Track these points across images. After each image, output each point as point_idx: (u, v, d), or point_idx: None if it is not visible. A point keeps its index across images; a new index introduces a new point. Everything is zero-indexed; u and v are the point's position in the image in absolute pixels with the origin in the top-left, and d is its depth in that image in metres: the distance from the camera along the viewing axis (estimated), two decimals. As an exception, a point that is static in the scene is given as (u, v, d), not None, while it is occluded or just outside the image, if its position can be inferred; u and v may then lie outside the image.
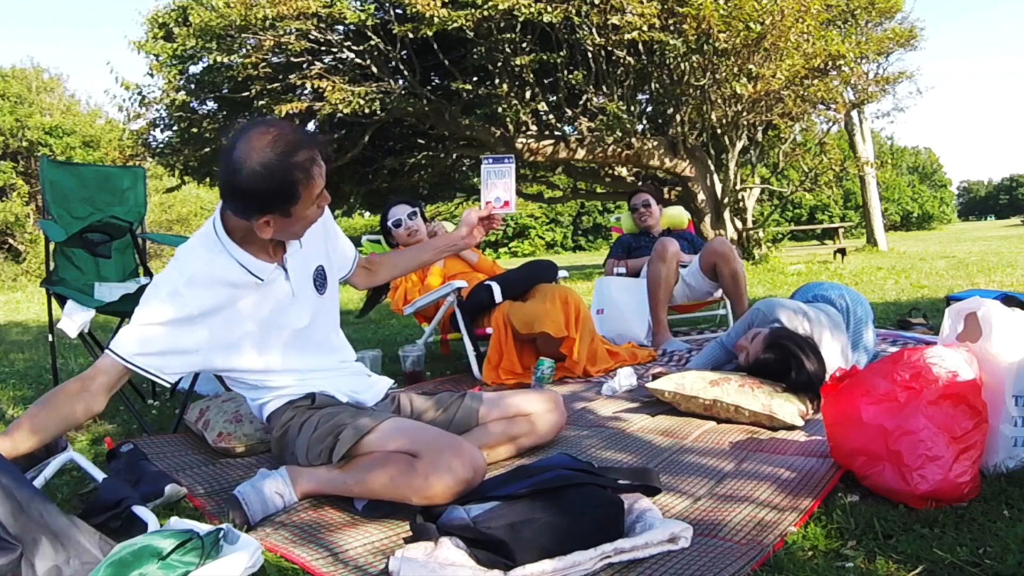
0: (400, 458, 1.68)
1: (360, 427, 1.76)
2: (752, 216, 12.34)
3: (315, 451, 1.78)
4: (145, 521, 1.58)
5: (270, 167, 1.55)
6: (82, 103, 27.47)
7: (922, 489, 1.56)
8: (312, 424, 1.82)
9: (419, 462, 1.64)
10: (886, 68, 13.86)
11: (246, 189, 1.57)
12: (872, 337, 2.91)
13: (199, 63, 10.51)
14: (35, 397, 3.35)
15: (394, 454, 1.69)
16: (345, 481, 1.74)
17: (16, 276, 20.90)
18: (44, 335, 5.85)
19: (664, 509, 1.66)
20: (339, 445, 1.74)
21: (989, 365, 1.72)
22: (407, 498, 1.63)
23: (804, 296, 3.02)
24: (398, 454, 1.69)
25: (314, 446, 1.79)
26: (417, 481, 1.62)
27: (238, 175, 1.56)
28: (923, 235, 30.65)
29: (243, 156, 1.56)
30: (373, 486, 1.69)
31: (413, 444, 1.69)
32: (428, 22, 8.52)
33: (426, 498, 1.60)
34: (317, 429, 1.80)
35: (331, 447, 1.76)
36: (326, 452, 1.77)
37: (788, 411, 2.31)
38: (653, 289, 3.92)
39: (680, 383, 2.48)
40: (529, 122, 10.37)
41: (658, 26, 8.92)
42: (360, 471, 1.72)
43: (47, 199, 3.10)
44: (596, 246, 40.50)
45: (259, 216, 1.63)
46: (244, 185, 1.56)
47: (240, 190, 1.58)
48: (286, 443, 1.87)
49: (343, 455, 1.73)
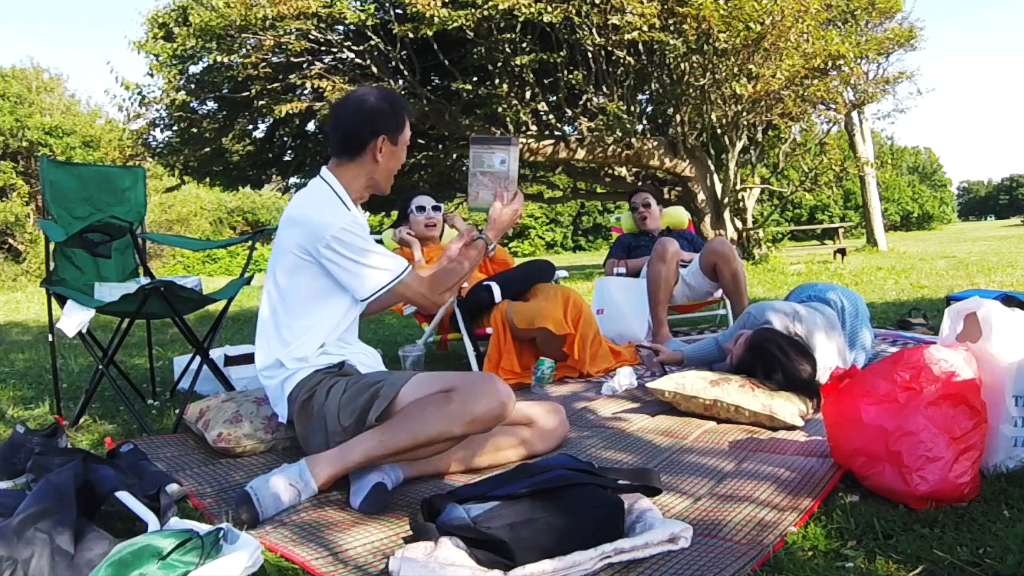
0: (435, 396, 1.78)
1: (395, 381, 1.83)
2: (752, 216, 12.34)
3: (347, 411, 1.83)
4: (145, 521, 1.58)
5: (388, 94, 2.01)
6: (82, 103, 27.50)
7: (922, 490, 1.56)
8: (340, 387, 1.88)
9: (455, 393, 1.76)
10: (886, 68, 13.87)
11: (371, 108, 1.95)
12: (869, 336, 2.91)
13: (199, 63, 10.51)
14: (35, 397, 3.37)
15: (428, 395, 1.79)
16: (381, 439, 1.76)
17: (16, 276, 20.89)
18: (44, 335, 5.85)
19: (664, 509, 1.66)
20: (379, 400, 1.80)
21: (989, 365, 1.72)
22: (449, 430, 1.74)
23: (799, 296, 3.02)
24: (432, 395, 1.78)
25: (346, 407, 1.83)
26: (456, 408, 1.73)
27: (366, 100, 1.96)
28: (923, 235, 30.65)
29: (366, 92, 2.00)
30: (413, 430, 1.75)
31: (446, 383, 1.81)
32: (428, 22, 8.52)
33: (468, 423, 1.74)
34: (347, 391, 1.86)
35: (365, 406, 1.80)
36: (358, 412, 1.81)
37: (788, 411, 2.31)
38: (653, 289, 3.92)
39: (680, 383, 2.48)
40: (529, 122, 10.36)
41: (658, 26, 8.92)
42: (397, 421, 1.78)
43: (47, 199, 3.10)
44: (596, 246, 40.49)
45: (375, 136, 1.95)
46: (370, 106, 1.95)
47: (367, 108, 1.95)
48: (309, 411, 1.89)
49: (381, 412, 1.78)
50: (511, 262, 3.72)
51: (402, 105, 2.02)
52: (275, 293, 1.99)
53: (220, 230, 34.85)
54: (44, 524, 1.35)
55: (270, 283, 2.02)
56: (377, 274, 1.93)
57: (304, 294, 1.95)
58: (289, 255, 1.95)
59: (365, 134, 1.96)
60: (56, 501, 1.40)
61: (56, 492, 1.41)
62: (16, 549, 1.32)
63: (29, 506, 1.40)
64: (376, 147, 1.97)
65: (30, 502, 1.42)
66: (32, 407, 3.16)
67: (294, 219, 1.96)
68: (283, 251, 1.97)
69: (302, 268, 1.94)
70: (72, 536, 1.36)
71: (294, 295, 1.96)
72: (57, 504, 1.39)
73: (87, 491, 1.58)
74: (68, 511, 1.39)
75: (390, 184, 2.08)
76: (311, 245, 1.90)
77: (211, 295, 2.95)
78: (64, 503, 1.40)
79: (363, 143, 1.97)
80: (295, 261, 1.94)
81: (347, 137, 1.98)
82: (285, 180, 14.26)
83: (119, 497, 1.62)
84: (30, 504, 1.41)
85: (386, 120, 1.97)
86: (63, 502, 1.40)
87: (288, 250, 1.95)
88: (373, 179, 2.04)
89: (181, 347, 4.84)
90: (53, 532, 1.34)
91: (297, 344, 1.96)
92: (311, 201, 1.99)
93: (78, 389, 3.51)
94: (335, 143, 2.02)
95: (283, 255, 1.97)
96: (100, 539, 1.39)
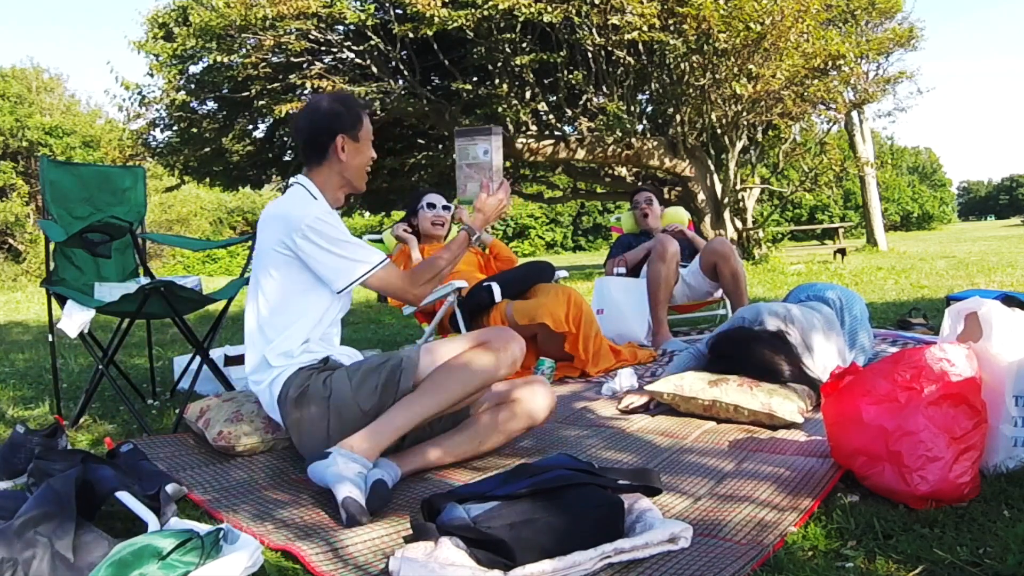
0: (475, 349, 1.94)
1: (408, 353, 1.94)
2: (752, 216, 12.33)
3: (365, 395, 1.88)
4: (145, 521, 1.58)
5: (340, 96, 2.13)
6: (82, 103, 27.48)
7: (922, 489, 1.56)
8: (343, 377, 1.93)
9: (492, 343, 1.94)
10: (886, 68, 13.87)
11: (327, 111, 2.04)
12: (869, 335, 2.90)
13: (199, 63, 10.50)
14: (35, 397, 3.37)
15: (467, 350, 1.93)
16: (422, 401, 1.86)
17: (16, 276, 20.88)
18: (44, 335, 5.84)
19: (664, 509, 1.66)
20: (405, 372, 1.89)
21: (989, 365, 1.72)
22: (495, 373, 1.91)
23: (798, 296, 3.02)
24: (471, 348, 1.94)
25: (361, 391, 1.88)
26: (501, 355, 1.92)
27: (319, 105, 2.06)
28: (923, 235, 30.65)
29: (319, 98, 2.12)
30: (463, 380, 1.88)
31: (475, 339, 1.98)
32: (428, 22, 8.52)
33: (509, 365, 1.93)
34: (351, 379, 1.91)
35: (388, 382, 1.88)
36: (380, 390, 1.88)
37: (788, 408, 2.30)
38: (653, 289, 3.92)
39: (679, 384, 2.48)
40: (529, 122, 10.36)
41: (658, 26, 8.92)
42: (434, 381, 1.88)
43: (47, 199, 3.10)
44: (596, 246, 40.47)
45: (335, 137, 2.02)
46: (324, 110, 2.04)
47: (321, 113, 2.04)
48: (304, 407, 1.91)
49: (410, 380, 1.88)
50: (515, 260, 3.72)
51: (354, 103, 2.12)
52: (259, 296, 2.05)
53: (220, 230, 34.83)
54: (45, 528, 1.35)
55: (254, 287, 2.07)
56: (352, 265, 1.98)
57: (286, 289, 2.00)
58: (269, 253, 2.00)
59: (324, 137, 2.05)
60: (57, 506, 1.40)
61: (57, 497, 1.41)
62: (17, 551, 1.32)
63: (30, 509, 1.40)
64: (338, 147, 2.05)
65: (31, 505, 1.42)
66: (32, 407, 3.16)
67: (272, 216, 2.04)
68: (263, 252, 2.04)
69: (282, 264, 1.99)
70: (71, 541, 1.36)
71: (275, 292, 2.01)
72: (58, 509, 1.39)
73: (87, 491, 1.58)
74: (69, 517, 1.38)
75: (364, 180, 2.15)
76: (288, 237, 1.96)
77: (211, 295, 2.95)
78: (65, 509, 1.40)
79: (324, 146, 2.05)
80: (275, 258, 1.99)
81: (309, 143, 2.08)
82: (285, 180, 14.22)
83: (119, 497, 1.62)
84: (31, 507, 1.41)
85: (342, 119, 2.05)
86: (64, 507, 1.40)
87: (268, 249, 2.01)
88: (344, 178, 2.11)
89: (181, 347, 4.84)
90: (53, 536, 1.34)
91: (280, 340, 1.99)
92: (287, 199, 2.08)
93: (78, 389, 3.51)
94: (301, 152, 2.14)
95: (263, 255, 2.04)
96: (100, 541, 1.39)
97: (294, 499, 1.84)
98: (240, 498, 1.87)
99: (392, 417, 1.86)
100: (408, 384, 1.89)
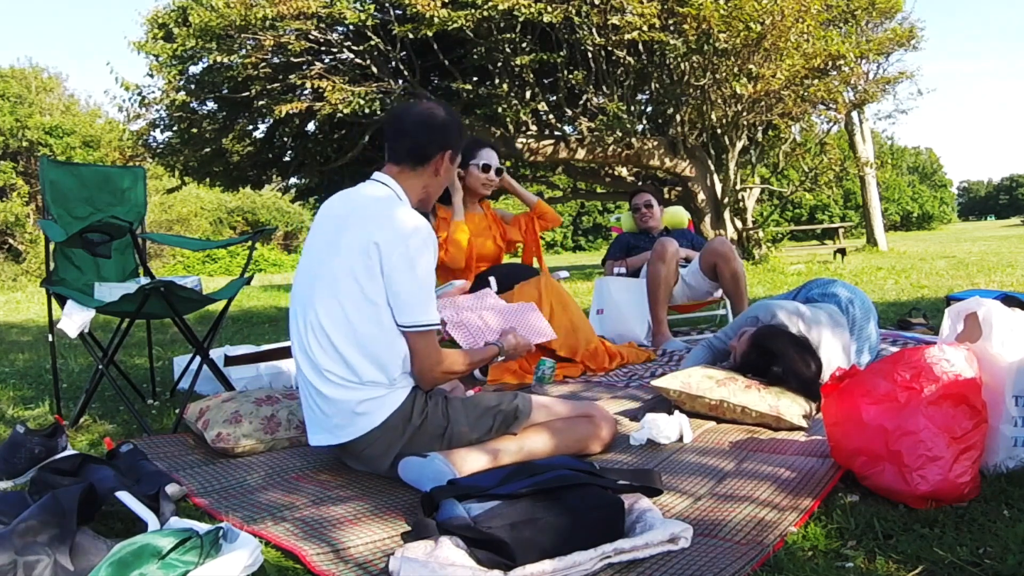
0: (581, 418, 2.09)
1: (522, 404, 2.02)
2: (752, 216, 12.34)
3: (482, 428, 1.96)
4: (145, 521, 1.58)
5: (454, 113, 2.06)
6: (82, 103, 27.50)
7: (922, 489, 1.56)
8: (458, 407, 1.97)
9: (595, 419, 2.11)
10: (886, 68, 13.87)
11: (443, 121, 1.98)
12: (876, 334, 2.89)
13: (199, 63, 10.51)
14: (35, 397, 3.36)
15: (573, 418, 2.08)
16: (516, 449, 1.96)
17: (16, 276, 20.89)
18: (44, 335, 5.85)
19: (664, 509, 1.66)
20: (520, 420, 2.00)
21: (989, 365, 1.72)
22: (586, 445, 2.07)
23: (807, 292, 2.99)
24: (576, 417, 2.09)
25: (479, 424, 1.96)
26: (600, 430, 2.10)
27: (436, 114, 1.99)
28: (923, 235, 30.66)
29: (433, 105, 2.04)
30: (565, 439, 2.02)
31: (580, 409, 2.13)
32: (428, 22, 8.53)
33: (603, 442, 2.11)
34: (467, 414, 1.96)
35: (503, 422, 1.98)
36: (494, 431, 1.97)
37: (794, 412, 2.29)
38: (653, 289, 3.92)
39: (686, 381, 2.44)
40: (529, 122, 10.37)
41: (658, 26, 8.93)
42: (540, 435, 2.00)
43: (47, 199, 3.10)
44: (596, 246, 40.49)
45: (443, 151, 1.99)
46: (440, 120, 1.98)
47: (438, 122, 1.98)
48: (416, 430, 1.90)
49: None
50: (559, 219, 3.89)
51: (462, 124, 2.11)
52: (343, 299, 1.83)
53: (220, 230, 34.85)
54: (45, 535, 1.35)
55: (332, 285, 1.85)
56: (424, 309, 1.84)
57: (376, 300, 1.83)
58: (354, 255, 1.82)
59: (434, 147, 1.98)
60: (59, 515, 1.39)
61: (60, 508, 1.41)
62: (18, 555, 1.31)
63: (32, 515, 1.40)
64: (441, 161, 2.00)
65: (34, 511, 1.42)
66: (32, 407, 3.16)
67: (368, 216, 1.87)
68: (348, 250, 1.84)
69: (363, 271, 1.82)
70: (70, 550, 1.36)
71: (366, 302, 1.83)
72: (60, 518, 1.39)
73: (87, 492, 1.58)
74: (69, 527, 1.38)
75: (433, 202, 2.13)
76: (387, 244, 1.80)
77: (211, 295, 2.95)
78: (67, 519, 1.39)
79: (430, 155, 1.98)
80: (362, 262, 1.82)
81: (416, 146, 1.97)
82: (285, 180, 14.26)
83: (119, 497, 1.62)
84: (34, 514, 1.40)
85: (453, 136, 2.02)
86: (66, 518, 1.39)
87: (354, 249, 1.82)
88: (427, 192, 2.04)
89: (181, 347, 4.84)
90: (53, 545, 1.34)
91: (399, 362, 1.87)
92: (388, 203, 1.91)
93: (78, 389, 3.51)
94: (400, 150, 1.98)
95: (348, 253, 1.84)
96: (98, 545, 1.39)
97: (294, 499, 1.84)
98: (240, 498, 1.87)
99: (497, 453, 1.94)
100: (517, 430, 1.99)
